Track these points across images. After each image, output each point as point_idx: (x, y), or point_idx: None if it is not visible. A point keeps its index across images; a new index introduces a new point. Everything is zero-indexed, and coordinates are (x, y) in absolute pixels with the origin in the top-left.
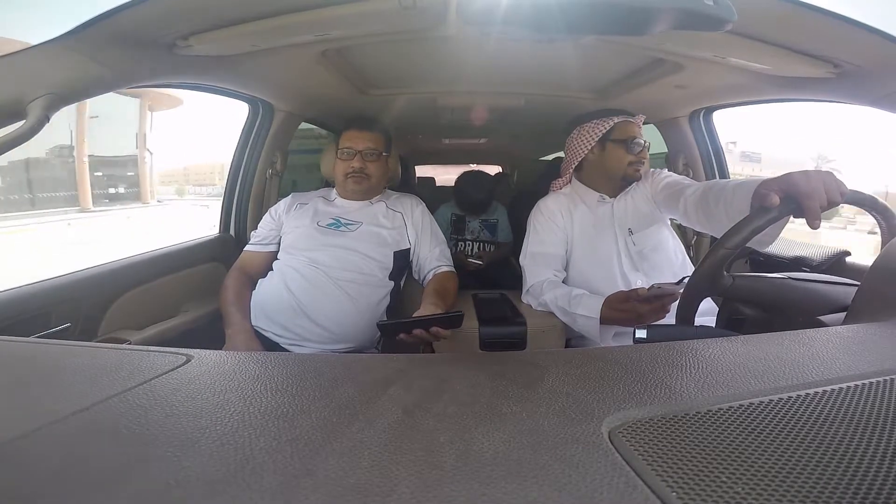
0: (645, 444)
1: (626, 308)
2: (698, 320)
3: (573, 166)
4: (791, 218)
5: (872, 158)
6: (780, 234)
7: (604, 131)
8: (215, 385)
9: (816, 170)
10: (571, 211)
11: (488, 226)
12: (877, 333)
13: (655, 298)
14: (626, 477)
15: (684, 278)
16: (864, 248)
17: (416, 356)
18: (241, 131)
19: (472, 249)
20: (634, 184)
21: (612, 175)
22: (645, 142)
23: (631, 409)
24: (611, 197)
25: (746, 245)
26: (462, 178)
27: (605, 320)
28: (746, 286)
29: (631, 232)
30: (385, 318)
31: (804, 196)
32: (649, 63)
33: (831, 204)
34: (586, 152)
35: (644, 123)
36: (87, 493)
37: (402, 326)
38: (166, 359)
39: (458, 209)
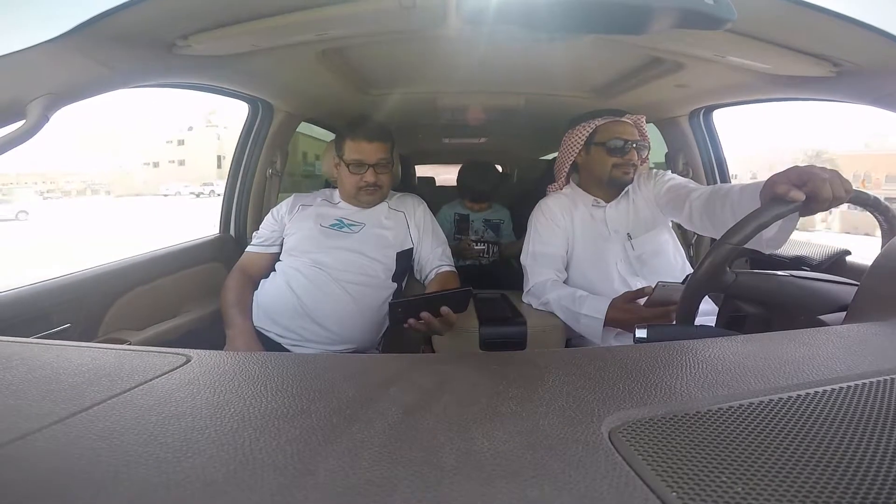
0: (645, 443)
1: (630, 309)
2: (698, 320)
3: (564, 171)
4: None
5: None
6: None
7: (587, 134)
8: (215, 385)
9: (821, 167)
10: (572, 212)
11: (492, 226)
12: (877, 333)
13: (660, 303)
14: (626, 477)
15: (690, 275)
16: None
17: (416, 356)
18: (241, 131)
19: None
20: (633, 186)
21: (599, 179)
22: (630, 142)
23: (631, 408)
24: (606, 201)
25: (757, 248)
26: (465, 167)
27: (609, 322)
28: (749, 283)
29: (630, 237)
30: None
31: (816, 189)
32: (649, 62)
33: (836, 200)
34: (574, 157)
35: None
36: (87, 494)
37: (414, 305)
38: (166, 359)
39: (464, 200)
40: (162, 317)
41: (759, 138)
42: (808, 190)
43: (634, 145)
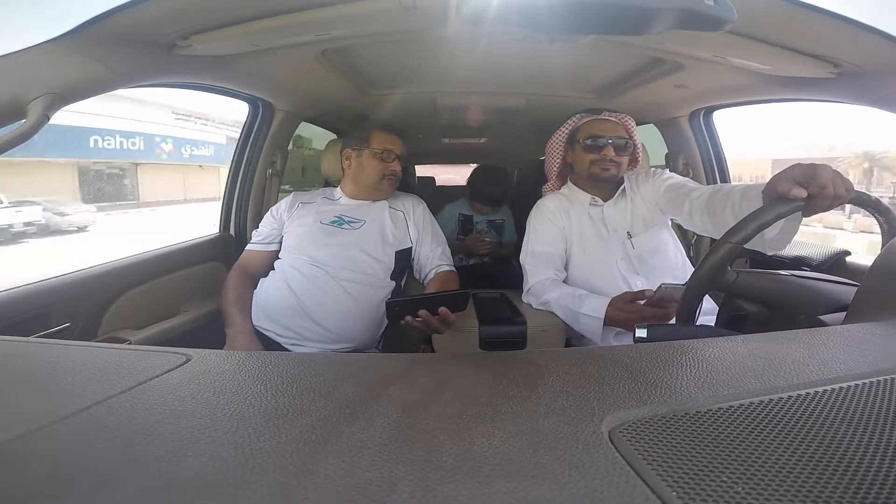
0: (645, 443)
1: (630, 309)
2: (698, 319)
3: (553, 172)
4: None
5: None
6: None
7: (568, 134)
8: (215, 385)
9: (823, 164)
10: (569, 211)
11: (495, 226)
12: (877, 333)
13: (661, 303)
14: (627, 476)
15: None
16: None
17: (416, 356)
18: (240, 131)
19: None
20: (632, 185)
21: (582, 176)
22: (606, 138)
23: (631, 408)
24: (603, 200)
25: (759, 249)
26: (478, 171)
27: (609, 321)
28: (750, 282)
29: (630, 235)
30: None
31: (820, 186)
32: (649, 63)
33: (837, 199)
34: (562, 156)
35: (643, 123)
36: (87, 493)
37: (411, 305)
38: (166, 358)
39: (472, 202)
40: (162, 316)
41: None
42: (809, 187)
43: (611, 141)
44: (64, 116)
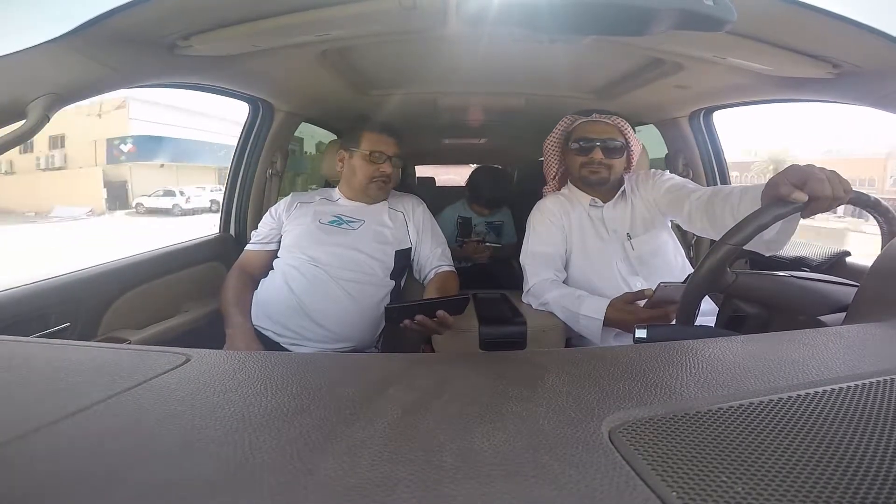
0: (645, 443)
1: (629, 310)
2: (698, 320)
3: (552, 174)
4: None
5: None
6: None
7: (561, 137)
8: (214, 385)
9: (820, 167)
10: (570, 212)
11: (494, 227)
12: (877, 333)
13: (661, 304)
14: (627, 476)
15: (690, 275)
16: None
17: (416, 356)
18: (241, 131)
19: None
20: (632, 186)
21: (575, 178)
22: (594, 140)
23: (631, 408)
24: (603, 201)
25: (757, 250)
26: (477, 172)
27: (608, 322)
28: (749, 283)
29: (629, 237)
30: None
31: (816, 188)
32: (649, 63)
33: (836, 200)
34: (558, 158)
35: (642, 124)
36: (87, 494)
37: (410, 310)
38: (165, 358)
39: (471, 204)
40: (162, 316)
41: None
42: (807, 190)
43: (599, 144)
44: (212, 137)
